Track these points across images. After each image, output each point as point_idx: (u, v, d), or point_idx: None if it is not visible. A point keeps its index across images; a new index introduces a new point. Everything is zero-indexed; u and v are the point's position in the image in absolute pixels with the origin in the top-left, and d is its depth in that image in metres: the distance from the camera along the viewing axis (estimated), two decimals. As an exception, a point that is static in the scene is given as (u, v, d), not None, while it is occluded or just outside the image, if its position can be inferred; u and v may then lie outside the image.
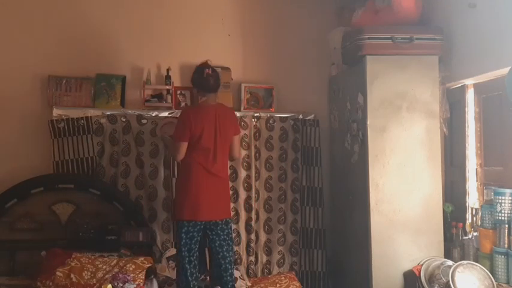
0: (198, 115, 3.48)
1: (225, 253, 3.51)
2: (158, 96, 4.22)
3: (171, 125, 3.94)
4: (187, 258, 3.44)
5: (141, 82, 4.22)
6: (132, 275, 3.37)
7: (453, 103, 3.70)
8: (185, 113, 3.57)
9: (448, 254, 3.47)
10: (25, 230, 3.87)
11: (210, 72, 3.51)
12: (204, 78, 3.49)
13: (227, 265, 3.51)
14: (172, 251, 3.95)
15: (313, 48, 4.46)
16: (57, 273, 3.40)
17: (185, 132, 3.44)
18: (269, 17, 4.47)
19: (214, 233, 3.51)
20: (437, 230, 3.51)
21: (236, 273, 3.94)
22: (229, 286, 3.53)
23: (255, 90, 4.39)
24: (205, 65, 3.56)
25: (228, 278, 3.52)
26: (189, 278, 3.44)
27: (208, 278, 3.76)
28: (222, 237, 3.51)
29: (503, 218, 3.04)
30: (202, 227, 3.47)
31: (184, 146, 3.45)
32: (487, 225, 3.18)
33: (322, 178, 4.37)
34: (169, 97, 4.18)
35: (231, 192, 4.23)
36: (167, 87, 4.19)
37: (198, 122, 3.44)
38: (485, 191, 3.33)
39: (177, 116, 3.89)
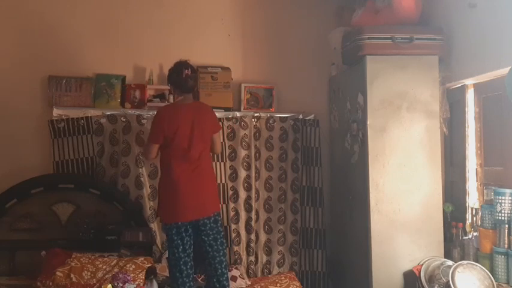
0: (172, 115, 3.39)
1: (222, 258, 3.45)
2: (160, 96, 4.23)
3: None
4: (182, 260, 3.35)
5: (140, 82, 4.22)
6: (132, 275, 3.37)
7: (453, 103, 3.70)
8: (159, 114, 3.44)
9: (448, 254, 3.47)
10: (25, 230, 3.88)
11: (189, 73, 3.42)
12: (183, 78, 3.41)
13: (223, 269, 3.46)
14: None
15: (313, 48, 4.46)
16: (57, 273, 3.41)
17: (158, 134, 3.35)
18: (269, 17, 4.47)
19: (204, 233, 3.42)
20: (437, 230, 3.51)
21: (236, 273, 3.95)
22: None
23: (255, 90, 4.39)
24: (184, 64, 3.46)
25: (225, 282, 3.49)
26: (185, 279, 3.39)
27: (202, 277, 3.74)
28: (212, 236, 3.42)
29: (503, 218, 3.04)
30: (190, 227, 3.38)
31: (155, 148, 3.38)
32: (487, 225, 3.18)
33: (322, 178, 4.37)
34: (171, 97, 4.19)
35: (231, 192, 4.24)
36: (169, 87, 4.19)
37: (173, 121, 3.35)
38: (485, 191, 3.33)
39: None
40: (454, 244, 3.45)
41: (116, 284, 3.13)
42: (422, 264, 3.40)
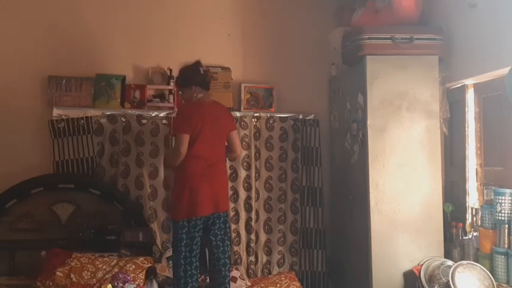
0: (195, 110, 3.42)
1: (227, 260, 3.47)
2: (160, 96, 4.23)
3: None
4: (188, 259, 3.35)
5: (140, 82, 4.22)
6: (132, 275, 3.37)
7: (453, 103, 3.70)
8: (184, 109, 3.54)
9: (448, 254, 3.47)
10: (25, 230, 3.88)
11: (206, 69, 3.50)
12: (202, 75, 3.47)
13: (227, 272, 3.48)
14: (172, 251, 3.95)
15: (313, 48, 4.46)
16: (57, 273, 3.41)
17: (186, 125, 3.35)
18: (269, 17, 4.47)
19: (212, 233, 3.45)
20: (437, 230, 3.51)
21: (236, 273, 3.95)
22: None
23: (255, 90, 4.39)
24: (197, 62, 3.52)
25: (227, 285, 3.49)
26: (189, 279, 3.39)
27: (208, 278, 3.74)
28: (219, 237, 3.46)
29: (503, 218, 3.04)
30: (201, 223, 3.39)
31: (186, 138, 3.33)
32: (487, 225, 3.18)
33: (322, 178, 4.37)
34: (171, 97, 4.19)
35: (231, 192, 4.24)
36: (169, 87, 4.20)
37: (198, 117, 3.38)
38: (485, 191, 3.33)
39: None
40: (454, 244, 3.45)
41: (116, 284, 3.13)
42: (422, 264, 3.40)
